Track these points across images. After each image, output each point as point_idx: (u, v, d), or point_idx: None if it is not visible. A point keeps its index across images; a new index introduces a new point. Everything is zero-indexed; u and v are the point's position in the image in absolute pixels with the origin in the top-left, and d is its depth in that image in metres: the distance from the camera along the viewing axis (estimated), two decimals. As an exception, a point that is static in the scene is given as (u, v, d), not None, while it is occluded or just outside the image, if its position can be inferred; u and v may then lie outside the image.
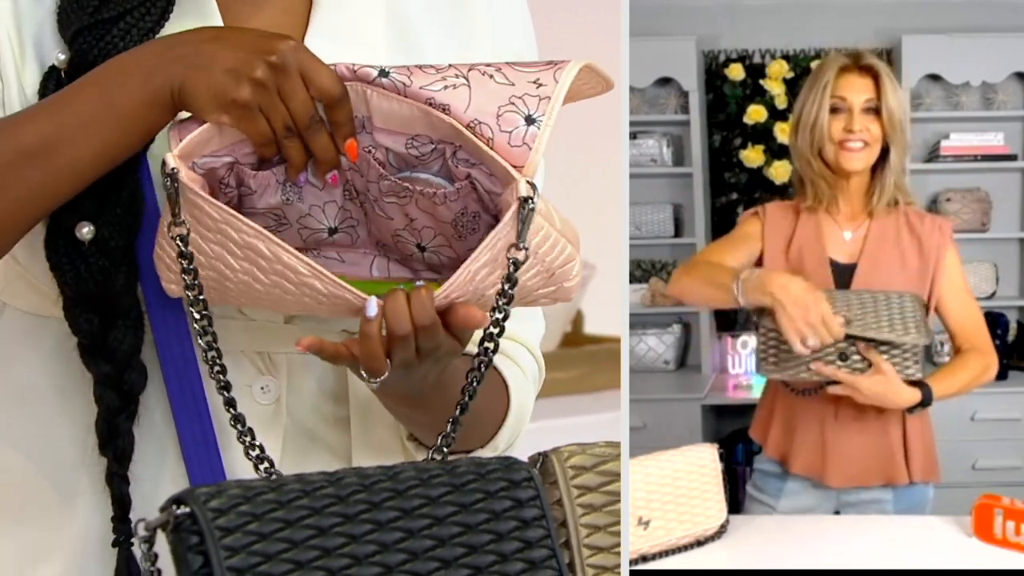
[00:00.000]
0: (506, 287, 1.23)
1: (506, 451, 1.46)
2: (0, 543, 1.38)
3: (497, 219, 1.25)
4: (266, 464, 1.27)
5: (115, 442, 1.32)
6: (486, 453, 1.44)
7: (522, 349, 1.49)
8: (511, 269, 1.23)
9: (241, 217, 1.21)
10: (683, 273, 2.47)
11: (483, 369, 1.26)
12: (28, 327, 1.38)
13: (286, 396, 1.39)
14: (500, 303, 1.24)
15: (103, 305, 1.30)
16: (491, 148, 1.22)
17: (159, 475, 1.36)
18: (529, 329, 1.51)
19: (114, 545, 1.32)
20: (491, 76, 1.23)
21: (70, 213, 1.28)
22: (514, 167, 1.22)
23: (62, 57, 1.30)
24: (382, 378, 1.24)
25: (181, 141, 1.22)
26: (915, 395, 2.35)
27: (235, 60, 1.21)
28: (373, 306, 1.22)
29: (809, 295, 2.23)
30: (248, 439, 1.27)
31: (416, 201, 1.27)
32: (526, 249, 1.22)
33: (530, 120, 1.22)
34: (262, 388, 1.38)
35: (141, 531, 1.11)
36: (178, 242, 1.23)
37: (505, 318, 1.25)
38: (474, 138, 1.22)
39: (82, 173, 1.26)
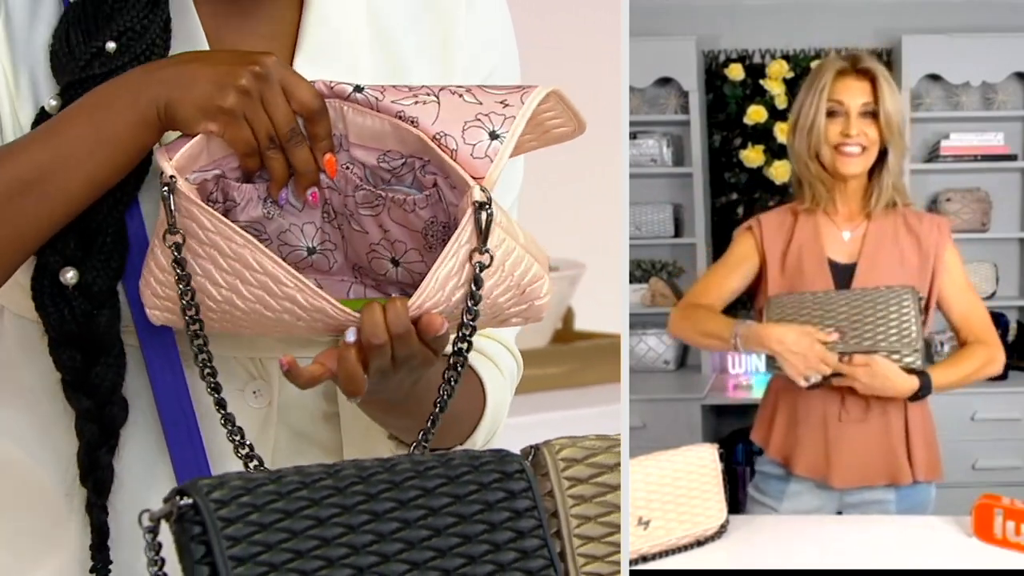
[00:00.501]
0: (473, 288, 1.27)
1: (484, 448, 1.47)
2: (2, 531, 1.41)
3: None
4: (255, 463, 1.31)
5: (95, 474, 1.35)
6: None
7: (499, 346, 1.52)
8: (476, 271, 1.26)
9: (232, 225, 1.25)
10: (682, 317, 2.52)
11: (459, 369, 1.30)
12: (25, 331, 1.40)
13: (278, 399, 1.41)
14: (468, 304, 1.27)
15: (86, 344, 1.33)
16: (454, 159, 1.26)
17: (146, 499, 1.36)
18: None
19: (91, 571, 1.35)
20: (461, 96, 1.28)
21: (56, 257, 1.31)
22: (475, 178, 1.26)
23: (53, 103, 1.33)
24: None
25: (171, 159, 1.25)
26: (913, 382, 2.36)
27: (219, 73, 1.26)
28: (352, 332, 1.25)
29: (804, 341, 2.33)
30: (238, 438, 1.31)
31: (389, 210, 1.31)
32: (488, 252, 1.25)
33: (494, 135, 1.26)
34: (254, 392, 1.40)
35: (145, 521, 1.13)
36: (173, 250, 1.26)
37: (474, 319, 1.28)
38: (437, 149, 1.26)
39: (77, 198, 1.29)
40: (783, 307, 2.40)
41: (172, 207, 1.24)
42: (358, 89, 1.27)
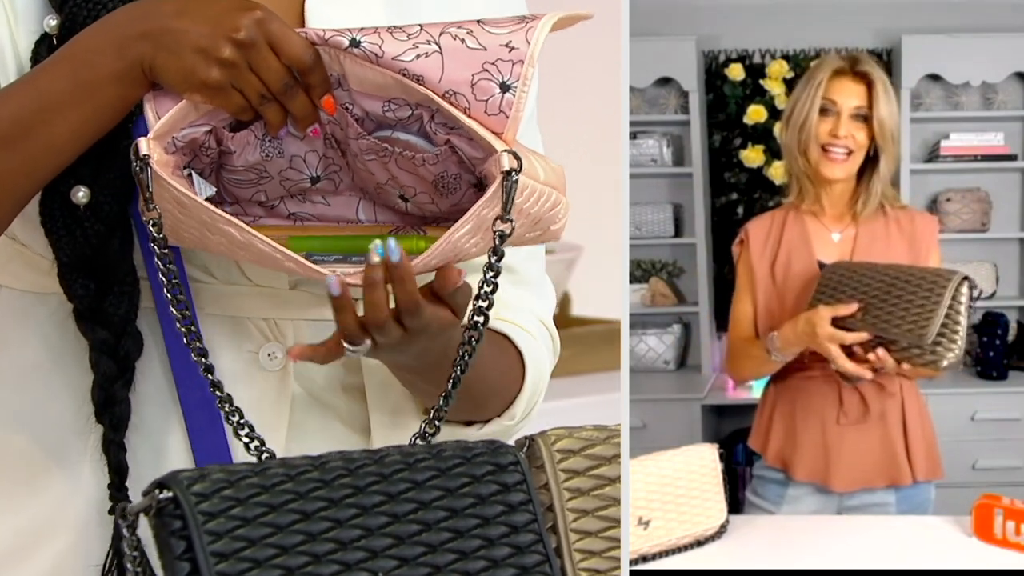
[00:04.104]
0: (493, 260, 1.24)
1: (523, 420, 1.45)
2: (5, 522, 1.37)
3: (480, 182, 1.26)
4: (246, 430, 1.26)
5: (111, 409, 1.32)
6: (503, 422, 1.43)
7: (534, 320, 1.49)
8: (497, 242, 1.23)
9: (211, 207, 1.22)
10: (731, 363, 2.54)
11: (474, 343, 1.26)
12: (23, 306, 1.37)
13: (293, 363, 1.38)
14: (488, 276, 1.24)
15: (98, 270, 1.30)
16: (470, 116, 1.22)
17: (162, 441, 1.35)
18: (541, 305, 1.52)
19: (111, 513, 1.31)
20: (463, 40, 1.23)
21: (65, 177, 1.27)
22: (494, 134, 1.22)
23: (53, 23, 1.29)
24: (362, 346, 1.23)
25: (158, 115, 1.23)
26: None
27: (202, 39, 1.21)
28: (335, 286, 1.21)
29: (808, 327, 2.28)
30: (227, 406, 1.27)
31: (396, 160, 1.27)
32: (511, 221, 1.22)
33: (504, 87, 1.22)
34: (269, 355, 1.37)
35: (124, 516, 1.10)
36: (150, 227, 1.23)
37: (494, 291, 1.25)
38: (452, 108, 1.22)
39: (60, 152, 1.25)
40: (836, 270, 2.38)
41: (150, 187, 1.21)
42: (355, 44, 1.22)
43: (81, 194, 1.28)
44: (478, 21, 1.24)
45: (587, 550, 1.31)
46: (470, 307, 1.26)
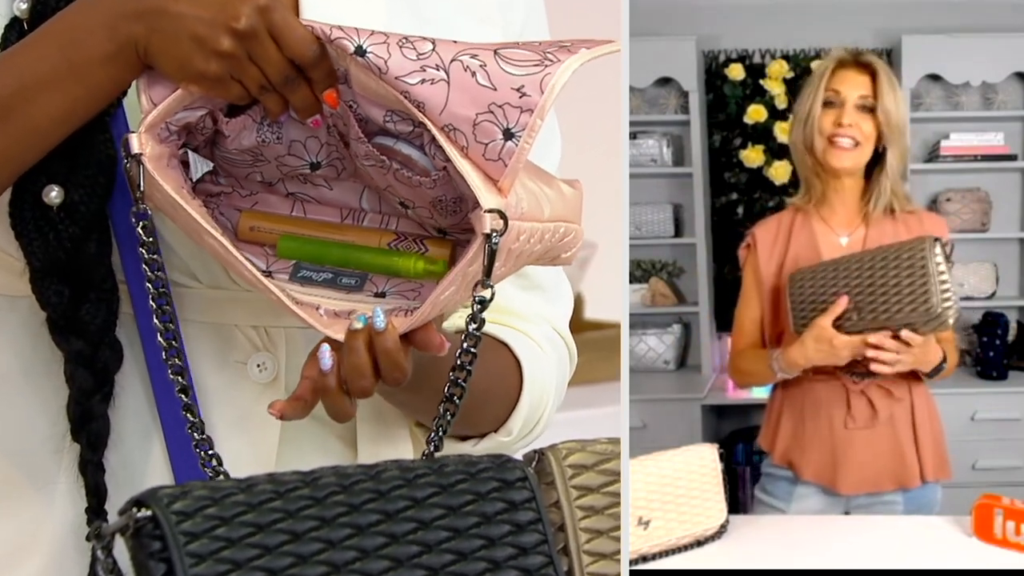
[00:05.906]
0: (471, 328, 1.19)
1: (525, 437, 1.39)
2: None
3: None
4: (214, 463, 1.21)
5: (88, 426, 1.24)
6: (499, 438, 1.37)
7: (545, 329, 1.44)
8: (476, 308, 1.18)
9: (201, 220, 1.17)
10: (734, 370, 2.55)
11: (456, 401, 1.21)
12: None
13: (285, 374, 1.31)
14: (466, 345, 1.19)
15: (74, 276, 1.22)
16: (466, 156, 1.16)
17: (141, 460, 1.28)
18: (554, 311, 1.47)
19: (88, 539, 1.20)
20: (474, 73, 1.15)
21: (37, 176, 1.20)
22: (489, 178, 1.16)
23: (23, 6, 1.23)
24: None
25: (152, 101, 1.18)
26: (939, 355, 2.33)
27: (200, 26, 1.14)
28: (328, 358, 1.16)
29: (823, 345, 2.29)
30: (197, 435, 1.20)
31: (395, 174, 1.21)
32: (492, 287, 1.17)
33: (508, 134, 1.15)
34: (259, 366, 1.30)
35: (98, 536, 1.04)
36: (139, 230, 1.18)
37: (472, 361, 1.19)
38: (448, 145, 1.16)
39: (46, 134, 1.19)
40: (803, 281, 2.37)
41: (141, 186, 1.16)
42: (360, 52, 1.14)
43: (54, 194, 1.20)
44: (495, 52, 1.16)
45: (601, 573, 1.23)
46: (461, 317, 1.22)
